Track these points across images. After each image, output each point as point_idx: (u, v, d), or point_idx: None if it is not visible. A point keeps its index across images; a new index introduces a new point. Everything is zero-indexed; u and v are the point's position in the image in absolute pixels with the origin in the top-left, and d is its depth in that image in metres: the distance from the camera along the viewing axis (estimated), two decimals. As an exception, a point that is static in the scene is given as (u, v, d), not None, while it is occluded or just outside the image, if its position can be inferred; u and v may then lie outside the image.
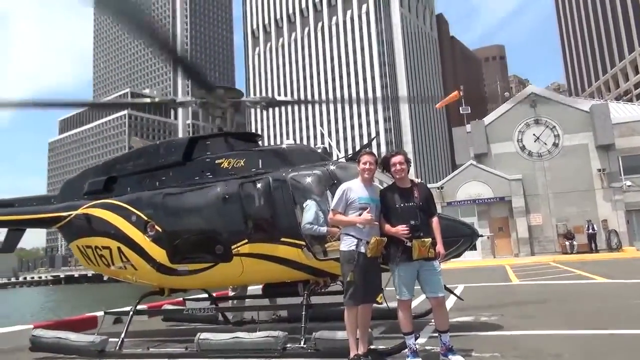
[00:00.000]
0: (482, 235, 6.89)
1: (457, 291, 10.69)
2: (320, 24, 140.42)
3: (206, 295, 8.36)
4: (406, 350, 4.77)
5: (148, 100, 8.01)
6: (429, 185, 20.29)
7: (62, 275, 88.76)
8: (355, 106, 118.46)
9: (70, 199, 8.06)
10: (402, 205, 4.86)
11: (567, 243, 27.56)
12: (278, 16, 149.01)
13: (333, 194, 5.24)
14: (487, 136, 31.46)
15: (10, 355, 6.88)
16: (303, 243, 6.00)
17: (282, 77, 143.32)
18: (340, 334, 5.10)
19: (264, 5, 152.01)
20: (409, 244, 4.70)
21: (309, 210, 5.88)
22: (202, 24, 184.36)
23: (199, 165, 6.96)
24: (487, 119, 32.49)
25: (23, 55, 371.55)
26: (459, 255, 6.20)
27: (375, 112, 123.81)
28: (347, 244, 4.82)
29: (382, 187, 5.18)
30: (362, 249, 4.72)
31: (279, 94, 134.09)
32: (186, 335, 6.94)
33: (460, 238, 5.90)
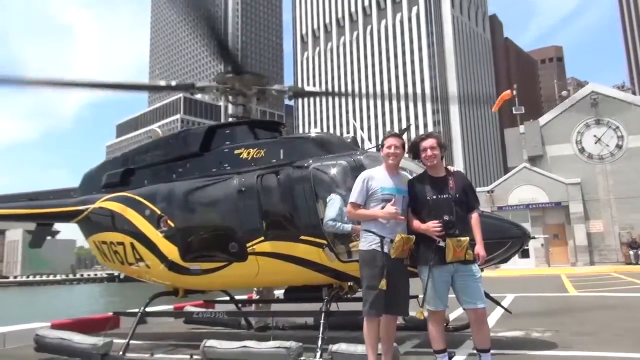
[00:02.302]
0: (534, 237, 5.92)
1: (507, 301, 9.68)
2: (369, 28, 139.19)
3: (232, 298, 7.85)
4: (437, 371, 4.01)
5: (163, 83, 7.54)
6: (478, 190, 19.15)
7: (116, 273, 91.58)
8: (401, 102, 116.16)
9: (89, 191, 7.74)
10: (434, 197, 4.09)
11: (631, 252, 25.89)
12: (327, 21, 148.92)
13: None
14: (542, 137, 29.77)
15: (17, 352, 6.66)
16: (325, 242, 5.32)
17: (331, 81, 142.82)
18: (361, 349, 4.39)
19: (313, 11, 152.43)
20: (441, 243, 3.95)
21: (333, 206, 5.18)
22: (252, 30, 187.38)
23: (216, 156, 6.43)
24: (543, 120, 30.77)
25: (84, 66, 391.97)
26: (505, 261, 5.33)
27: (424, 114, 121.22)
28: (367, 242, 4.09)
29: (410, 176, 4.42)
30: (385, 249, 3.98)
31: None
32: (200, 340, 6.41)
33: (507, 240, 5.04)
